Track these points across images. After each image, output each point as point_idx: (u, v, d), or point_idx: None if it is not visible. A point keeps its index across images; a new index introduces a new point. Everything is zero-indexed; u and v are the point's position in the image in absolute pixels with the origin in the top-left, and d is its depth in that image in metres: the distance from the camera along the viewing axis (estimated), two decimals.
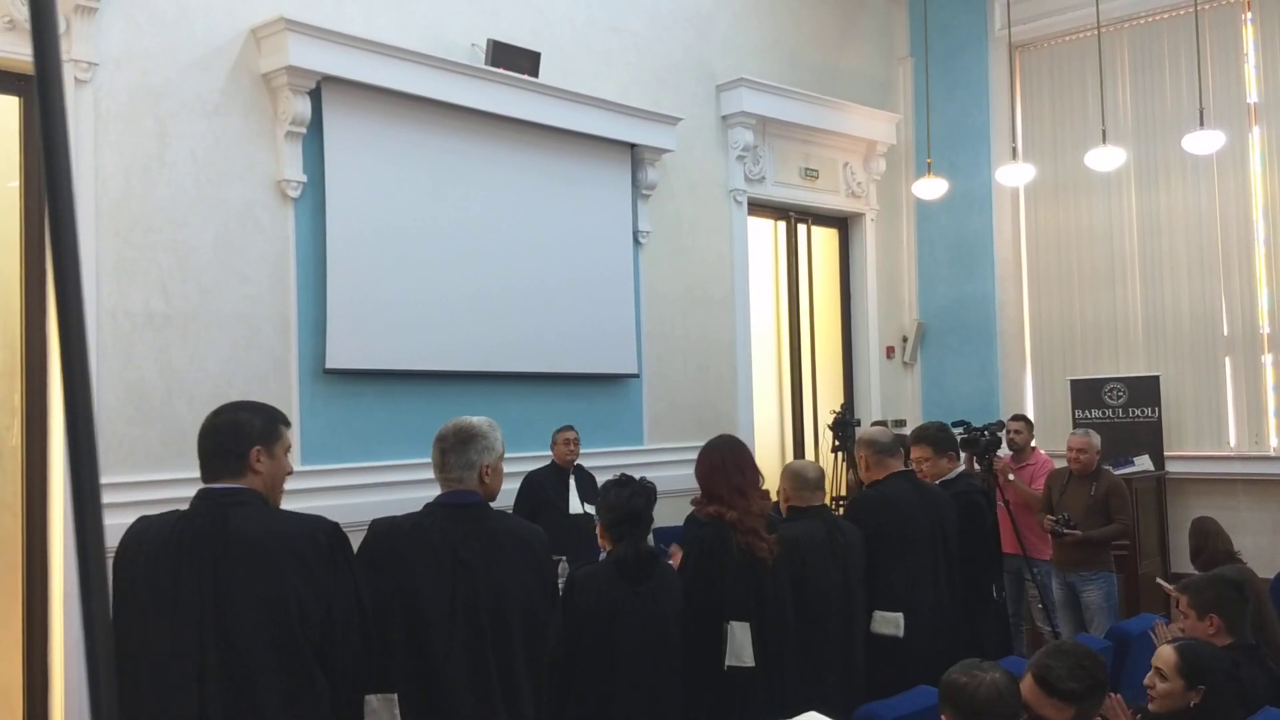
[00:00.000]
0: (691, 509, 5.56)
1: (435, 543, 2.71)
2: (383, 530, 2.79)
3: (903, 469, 4.34)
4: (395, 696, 2.58)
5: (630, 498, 3.28)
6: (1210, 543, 5.06)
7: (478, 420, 2.89)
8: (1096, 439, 5.98)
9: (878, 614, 3.95)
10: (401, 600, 2.66)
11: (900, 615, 3.95)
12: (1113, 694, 3.09)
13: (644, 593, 3.23)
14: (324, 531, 2.47)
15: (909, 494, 4.17)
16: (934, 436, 4.69)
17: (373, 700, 2.56)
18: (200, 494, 2.46)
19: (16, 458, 4.80)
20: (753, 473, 3.69)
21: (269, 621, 2.34)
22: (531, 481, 5.93)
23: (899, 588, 3.99)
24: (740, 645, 3.36)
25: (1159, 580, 5.65)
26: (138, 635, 2.31)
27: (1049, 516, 5.77)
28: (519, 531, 2.93)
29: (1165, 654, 2.95)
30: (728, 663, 3.37)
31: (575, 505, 5.82)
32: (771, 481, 4.42)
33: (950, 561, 4.21)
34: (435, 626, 2.66)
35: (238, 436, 2.51)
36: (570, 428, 6.09)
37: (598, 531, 3.37)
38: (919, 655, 3.82)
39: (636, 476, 3.41)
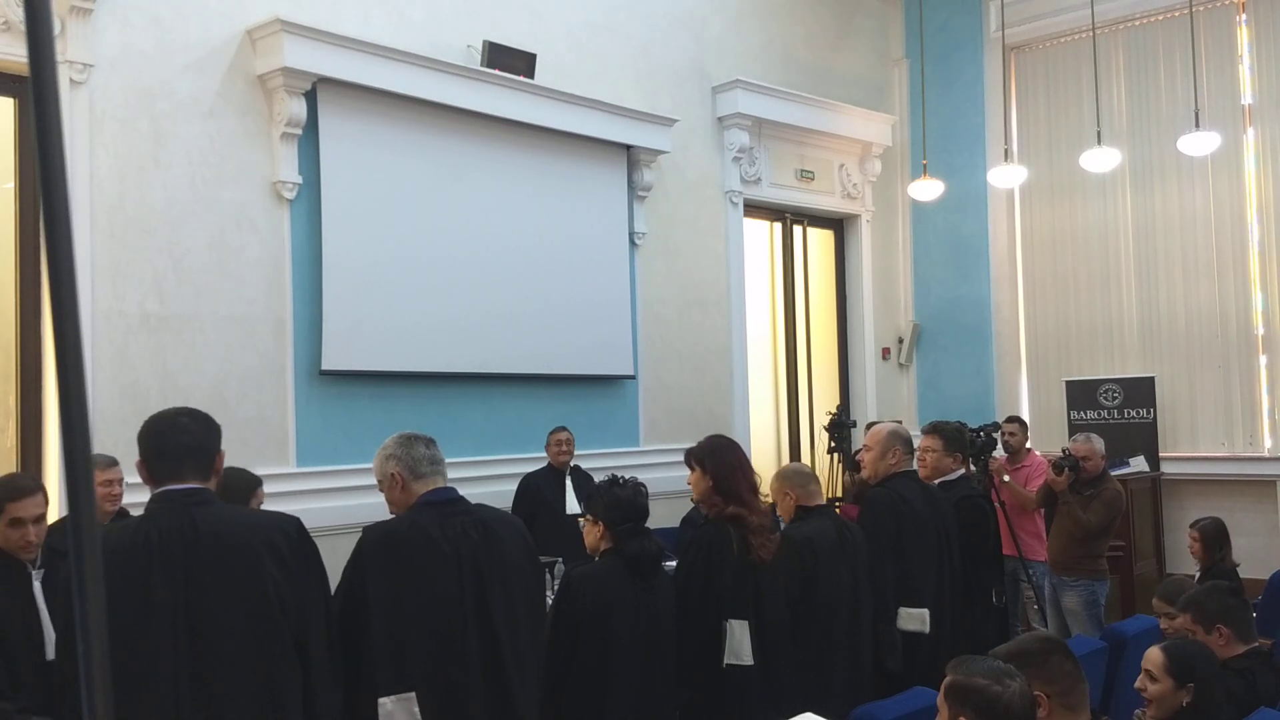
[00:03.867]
0: (690, 510, 5.60)
1: (439, 541, 2.70)
2: (380, 536, 2.74)
3: (907, 469, 4.39)
4: (414, 695, 2.56)
5: (635, 495, 3.33)
6: (1223, 548, 5.03)
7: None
8: (1100, 444, 5.75)
9: (903, 610, 3.98)
10: (418, 601, 2.63)
11: (925, 611, 3.98)
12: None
13: (647, 589, 3.25)
14: (291, 525, 2.45)
15: (917, 494, 4.22)
16: (950, 432, 4.70)
17: (387, 703, 2.54)
18: (160, 496, 2.36)
19: (12, 459, 4.79)
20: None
21: (248, 614, 2.31)
22: (528, 484, 5.95)
23: (920, 584, 4.03)
24: (739, 643, 3.37)
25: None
26: (111, 644, 2.26)
27: (1055, 456, 5.76)
28: (505, 518, 2.97)
29: (1152, 655, 2.94)
30: (727, 660, 3.37)
31: (572, 506, 5.81)
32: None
33: (953, 561, 4.24)
34: (454, 624, 2.65)
35: (209, 435, 2.44)
36: (563, 428, 6.08)
37: (594, 532, 3.37)
38: (933, 652, 3.83)
39: (627, 477, 3.44)
